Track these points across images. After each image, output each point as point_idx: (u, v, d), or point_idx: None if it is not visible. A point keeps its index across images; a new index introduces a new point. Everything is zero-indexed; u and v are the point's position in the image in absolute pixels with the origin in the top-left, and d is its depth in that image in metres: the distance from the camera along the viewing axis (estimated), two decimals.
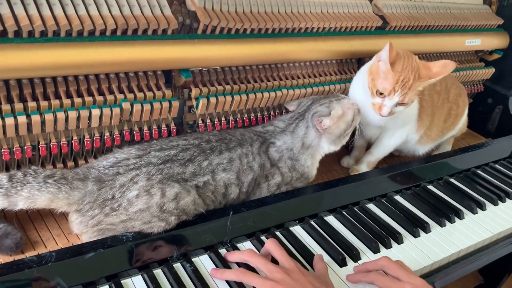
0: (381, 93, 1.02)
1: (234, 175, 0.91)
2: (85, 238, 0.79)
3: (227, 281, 0.79)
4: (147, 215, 0.78)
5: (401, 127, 1.15)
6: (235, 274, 0.78)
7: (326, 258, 0.89)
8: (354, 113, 1.04)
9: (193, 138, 0.90)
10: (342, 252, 0.90)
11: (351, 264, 0.89)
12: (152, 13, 0.88)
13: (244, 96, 1.02)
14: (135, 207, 0.77)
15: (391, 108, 1.03)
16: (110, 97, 0.87)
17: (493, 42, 1.53)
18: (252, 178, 0.93)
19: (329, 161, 1.24)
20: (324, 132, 1.00)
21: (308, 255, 0.88)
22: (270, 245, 0.82)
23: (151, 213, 0.78)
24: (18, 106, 0.80)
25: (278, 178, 0.98)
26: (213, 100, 0.98)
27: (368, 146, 1.24)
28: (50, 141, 0.85)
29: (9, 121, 0.78)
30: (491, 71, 1.56)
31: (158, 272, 0.79)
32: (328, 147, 1.03)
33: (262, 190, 0.97)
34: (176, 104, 0.93)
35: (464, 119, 1.34)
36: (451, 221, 1.06)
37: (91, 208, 0.77)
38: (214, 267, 0.82)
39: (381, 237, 0.95)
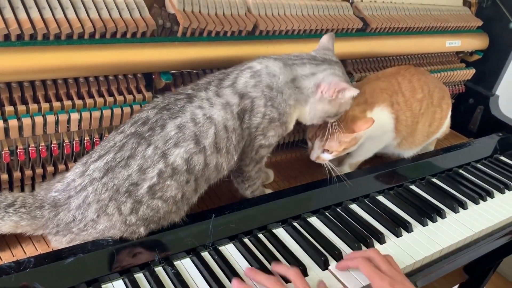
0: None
1: (192, 143, 0.78)
2: None
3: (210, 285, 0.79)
4: (116, 231, 0.77)
5: (378, 136, 1.15)
6: (269, 282, 0.78)
7: (309, 259, 0.89)
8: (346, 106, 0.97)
9: (129, 126, 0.79)
10: (325, 253, 0.90)
11: (333, 264, 0.89)
12: (131, 15, 0.87)
13: None
14: (102, 225, 0.76)
15: (318, 153, 1.03)
16: (89, 101, 0.87)
17: (473, 43, 1.55)
18: (215, 132, 0.80)
19: (312, 162, 1.24)
20: (320, 99, 0.89)
21: (291, 257, 0.88)
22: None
23: (119, 229, 0.77)
24: None
25: (255, 118, 0.86)
26: None
27: None
28: (29, 146, 0.84)
29: None
30: (471, 71, 1.58)
31: (140, 276, 0.79)
32: (308, 112, 0.92)
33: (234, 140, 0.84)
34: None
35: (448, 121, 1.35)
36: (433, 220, 1.07)
37: (57, 232, 0.77)
38: (196, 270, 0.82)
39: (363, 237, 0.96)
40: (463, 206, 1.14)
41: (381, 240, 0.97)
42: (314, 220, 1.00)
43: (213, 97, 0.83)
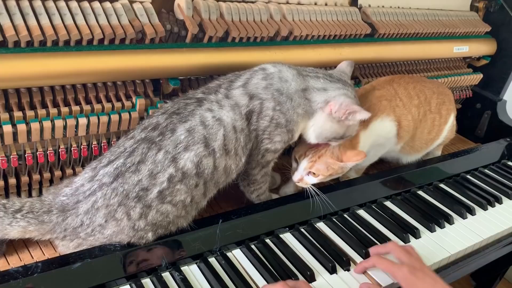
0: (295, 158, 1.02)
1: (201, 146, 0.78)
2: None
3: None
4: (124, 236, 0.77)
5: (382, 143, 1.14)
6: None
7: (317, 265, 0.89)
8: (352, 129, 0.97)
9: (139, 131, 0.79)
10: (332, 259, 0.90)
11: (341, 271, 0.89)
12: (140, 22, 0.88)
13: None
14: (109, 230, 0.76)
15: (302, 175, 1.00)
16: (97, 106, 0.87)
17: (481, 48, 1.54)
18: (224, 134, 0.81)
19: None
20: (329, 117, 0.90)
21: (298, 262, 0.88)
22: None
23: (127, 234, 0.77)
24: (4, 116, 0.80)
25: (263, 121, 0.85)
26: None
27: None
28: (37, 150, 0.85)
29: None
30: (479, 76, 1.57)
31: (147, 281, 0.79)
32: (313, 128, 0.92)
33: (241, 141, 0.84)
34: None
35: (449, 127, 1.33)
36: (441, 226, 1.06)
37: (65, 236, 0.77)
38: (203, 275, 0.82)
39: (370, 243, 0.96)
40: (471, 212, 1.13)
41: None
42: (321, 226, 1.00)
43: (222, 99, 0.84)
